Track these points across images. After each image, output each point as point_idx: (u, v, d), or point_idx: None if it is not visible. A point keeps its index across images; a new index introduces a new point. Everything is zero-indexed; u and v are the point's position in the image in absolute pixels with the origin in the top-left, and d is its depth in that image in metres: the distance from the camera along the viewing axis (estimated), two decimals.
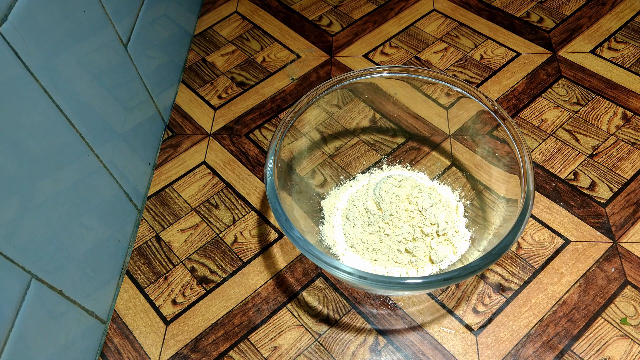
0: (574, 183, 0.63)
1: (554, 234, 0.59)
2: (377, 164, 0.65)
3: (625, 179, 0.63)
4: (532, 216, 0.61)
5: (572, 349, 0.52)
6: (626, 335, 0.52)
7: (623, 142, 0.66)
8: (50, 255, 0.47)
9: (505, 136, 0.52)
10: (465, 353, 0.52)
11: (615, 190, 0.62)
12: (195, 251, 0.62)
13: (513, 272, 0.57)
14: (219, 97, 0.77)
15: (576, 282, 0.56)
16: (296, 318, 0.56)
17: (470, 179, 0.61)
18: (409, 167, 0.65)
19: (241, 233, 0.63)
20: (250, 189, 0.67)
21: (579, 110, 0.70)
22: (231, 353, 0.54)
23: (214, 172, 0.69)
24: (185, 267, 0.61)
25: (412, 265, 0.55)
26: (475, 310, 0.55)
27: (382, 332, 0.54)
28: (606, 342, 0.52)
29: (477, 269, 0.43)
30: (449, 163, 0.63)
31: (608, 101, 0.70)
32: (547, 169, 0.65)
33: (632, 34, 0.78)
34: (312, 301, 0.57)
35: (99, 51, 0.57)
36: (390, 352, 0.53)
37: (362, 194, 0.59)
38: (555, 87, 0.73)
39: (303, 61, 0.80)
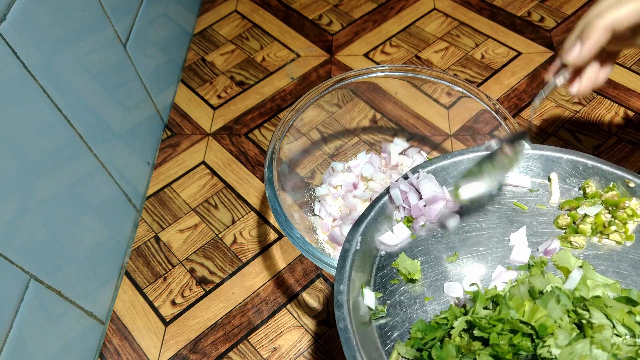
0: None
1: None
2: None
3: None
4: None
5: None
6: None
7: (624, 142, 0.66)
8: (49, 256, 0.47)
9: (506, 136, 0.52)
10: None
11: None
12: (195, 252, 0.61)
13: None
14: (219, 96, 0.77)
15: None
16: (296, 319, 0.56)
17: None
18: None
19: (240, 233, 0.63)
20: (249, 189, 0.66)
21: (581, 110, 0.70)
22: (230, 354, 0.54)
23: (213, 172, 0.68)
24: (185, 267, 0.60)
25: None
26: None
27: None
28: None
29: None
30: None
31: (609, 101, 0.70)
32: None
33: None
34: (312, 302, 0.57)
35: (98, 51, 0.56)
36: None
37: None
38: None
39: (303, 60, 0.80)
